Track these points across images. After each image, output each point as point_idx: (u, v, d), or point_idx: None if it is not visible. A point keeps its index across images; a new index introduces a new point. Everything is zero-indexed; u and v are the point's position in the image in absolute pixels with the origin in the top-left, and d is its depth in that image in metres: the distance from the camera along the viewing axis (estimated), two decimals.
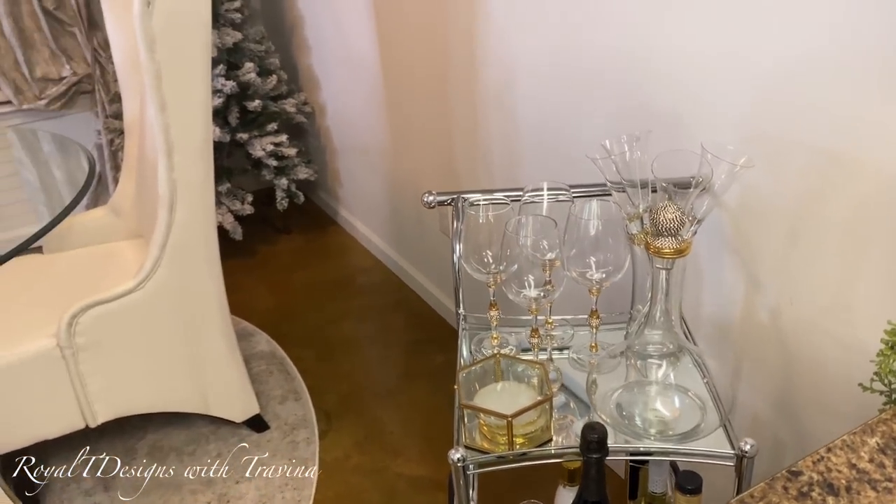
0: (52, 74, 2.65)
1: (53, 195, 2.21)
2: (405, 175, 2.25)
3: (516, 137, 1.62)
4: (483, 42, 1.61)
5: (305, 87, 2.83)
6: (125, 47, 1.74)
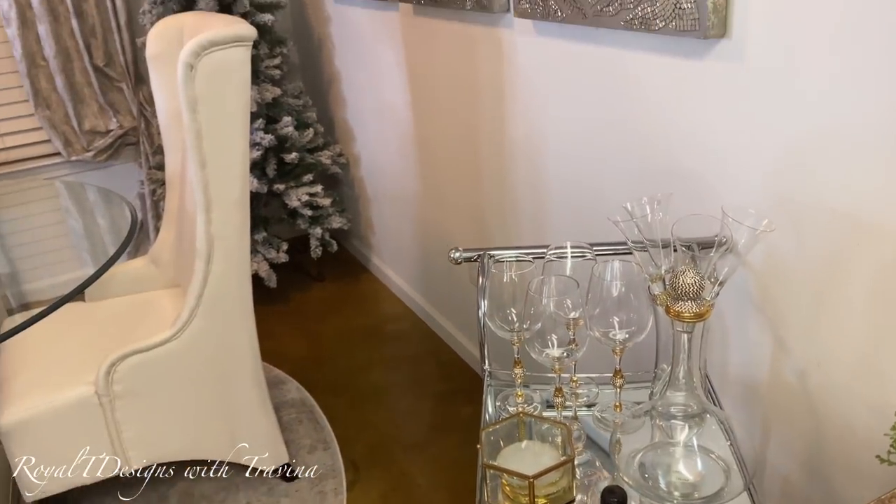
0: (99, 127, 2.77)
1: (97, 243, 2.30)
2: (435, 225, 2.29)
3: (544, 193, 1.65)
4: (512, 100, 1.65)
5: (341, 138, 2.91)
6: (168, 106, 1.83)
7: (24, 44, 2.55)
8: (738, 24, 1.05)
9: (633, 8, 1.17)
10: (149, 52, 1.80)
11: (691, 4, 1.06)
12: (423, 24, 1.96)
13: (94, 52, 2.67)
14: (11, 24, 2.53)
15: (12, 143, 2.72)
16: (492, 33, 1.65)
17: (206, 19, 1.64)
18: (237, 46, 1.44)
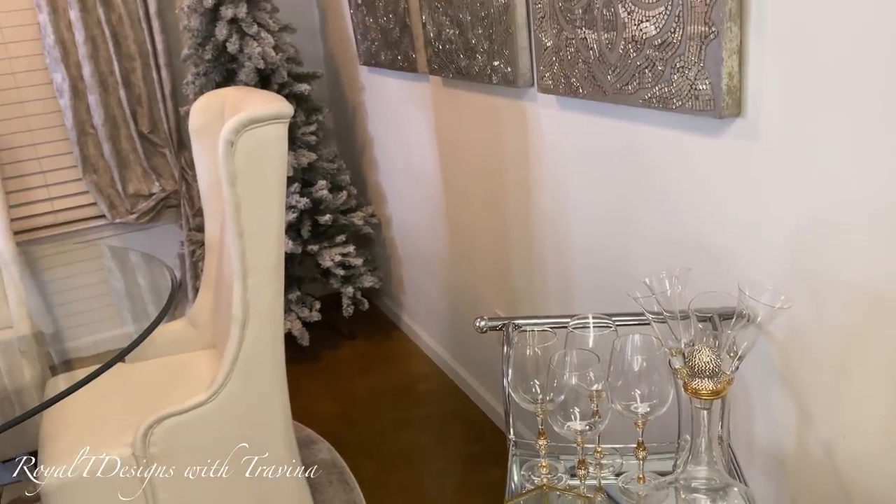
0: (143, 191, 2.89)
1: (137, 302, 2.38)
2: (464, 286, 2.33)
3: (569, 259, 1.68)
4: (537, 169, 1.71)
5: (373, 199, 2.99)
6: (209, 176, 1.91)
7: (75, 113, 2.70)
8: (753, 104, 1.09)
9: (650, 87, 1.22)
10: (192, 126, 1.90)
11: (706, 85, 1.11)
12: (452, 94, 2.04)
13: (139, 119, 2.81)
14: (64, 95, 2.68)
15: (61, 206, 2.86)
16: (517, 105, 1.71)
17: (247, 95, 1.73)
18: (275, 123, 1.52)
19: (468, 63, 1.80)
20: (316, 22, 3.08)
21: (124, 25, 2.67)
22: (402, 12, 2.14)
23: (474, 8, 1.71)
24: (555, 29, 1.43)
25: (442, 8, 1.86)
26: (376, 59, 2.44)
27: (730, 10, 1.05)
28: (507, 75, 1.64)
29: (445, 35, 1.88)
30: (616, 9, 1.26)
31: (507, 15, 1.58)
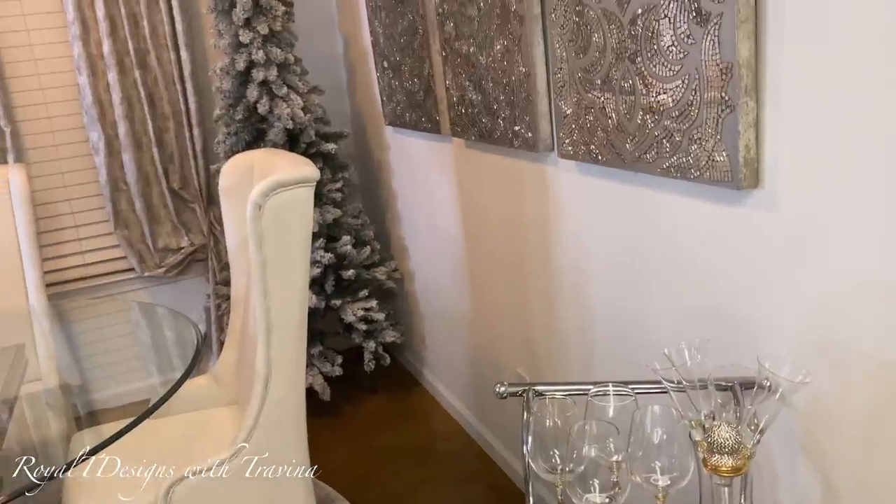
0: (172, 245, 2.95)
1: (162, 355, 2.41)
2: (485, 345, 2.33)
3: (590, 321, 1.68)
4: (557, 230, 1.73)
5: (396, 254, 3.03)
6: (237, 234, 1.96)
7: (109, 170, 2.79)
8: (770, 176, 1.10)
9: (669, 157, 1.24)
10: (221, 186, 1.95)
11: (723, 157, 1.13)
12: (474, 156, 2.08)
13: (171, 176, 2.89)
14: (100, 153, 2.77)
15: (92, 259, 2.93)
16: (538, 169, 1.75)
17: (275, 158, 1.79)
18: (302, 187, 1.56)
19: (490, 126, 1.85)
20: (343, 83, 3.18)
21: (159, 87, 2.78)
22: (426, 76, 2.21)
23: (496, 75, 1.75)
24: (574, 97, 1.47)
25: (465, 74, 1.91)
26: (401, 119, 2.50)
27: (745, 85, 1.08)
28: (528, 140, 1.68)
29: (468, 99, 1.93)
30: (634, 80, 1.29)
31: (528, 83, 1.62)
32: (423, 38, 2.17)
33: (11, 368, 1.75)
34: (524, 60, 1.62)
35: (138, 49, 2.72)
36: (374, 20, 2.53)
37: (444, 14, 1.96)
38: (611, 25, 1.32)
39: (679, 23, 1.16)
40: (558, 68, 1.50)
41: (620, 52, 1.31)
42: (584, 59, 1.41)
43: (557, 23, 1.47)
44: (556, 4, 1.46)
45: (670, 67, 1.20)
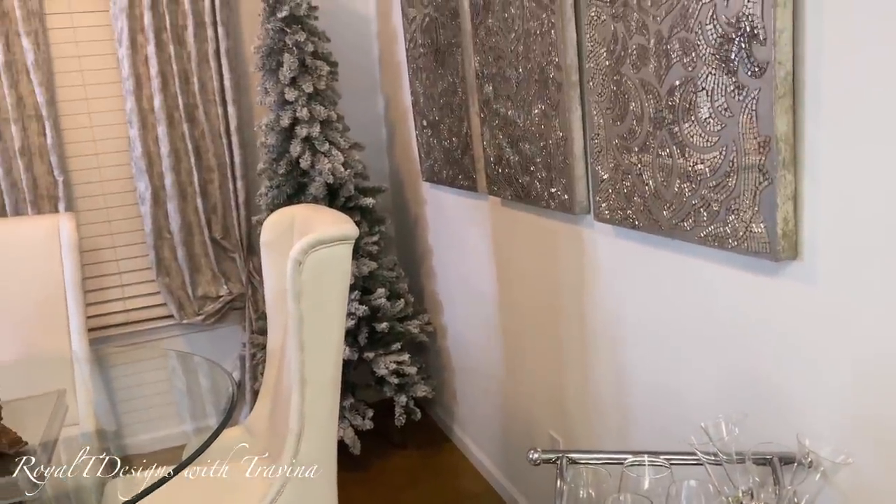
0: (211, 293, 3.01)
1: (196, 402, 2.43)
2: (518, 404, 2.31)
3: (625, 385, 1.67)
4: (591, 292, 1.73)
5: (429, 308, 3.04)
6: (276, 287, 2.00)
7: (154, 219, 2.87)
8: (809, 248, 1.10)
9: (706, 226, 1.25)
10: (263, 239, 2.00)
11: (761, 228, 1.13)
12: (510, 214, 2.11)
13: (213, 226, 2.96)
14: (146, 202, 2.86)
15: (133, 305, 2.99)
16: (574, 230, 1.76)
17: (315, 214, 1.83)
18: (341, 244, 1.60)
19: (527, 186, 1.87)
20: (383, 139, 3.25)
21: (206, 140, 2.87)
22: (464, 135, 2.25)
23: (534, 137, 1.79)
24: (611, 163, 1.49)
25: (503, 134, 1.95)
26: (438, 176, 2.54)
27: (783, 158, 1.08)
28: (565, 202, 1.70)
29: (505, 159, 1.96)
30: (671, 149, 1.31)
31: (566, 146, 1.65)
32: (462, 99, 2.22)
33: (53, 414, 1.79)
34: (562, 125, 1.65)
35: (187, 104, 2.82)
36: (415, 81, 2.60)
37: (484, 77, 2.01)
38: (648, 95, 1.34)
39: (717, 96, 1.18)
40: (595, 134, 1.53)
41: (658, 121, 1.33)
42: (622, 126, 1.44)
43: (595, 90, 1.50)
44: (594, 73, 1.49)
45: (708, 138, 1.21)
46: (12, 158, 2.68)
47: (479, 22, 1.98)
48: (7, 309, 2.41)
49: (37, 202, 2.72)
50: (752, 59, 1.09)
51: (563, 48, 1.59)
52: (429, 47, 2.42)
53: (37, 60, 2.64)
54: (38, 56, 2.65)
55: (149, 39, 2.72)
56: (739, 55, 1.12)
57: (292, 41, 2.56)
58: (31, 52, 2.63)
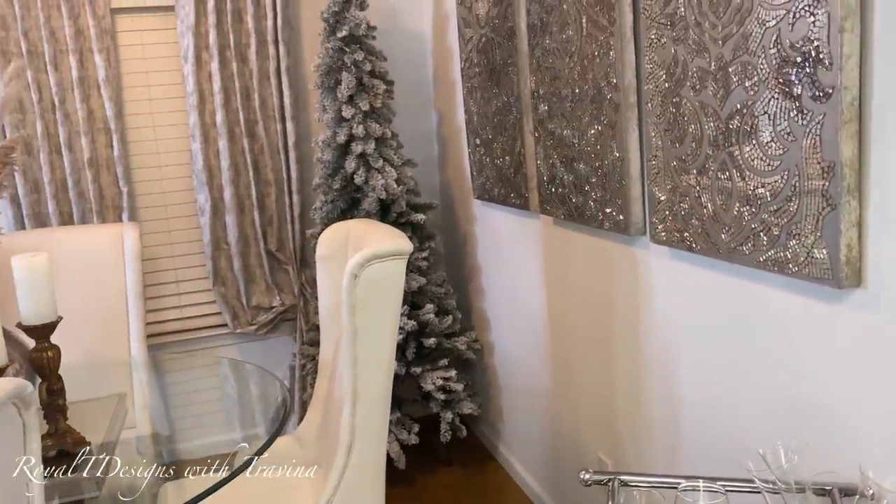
0: (264, 304, 3.08)
1: (246, 409, 2.48)
2: (565, 425, 2.30)
3: (678, 410, 1.65)
4: (645, 315, 1.71)
5: (477, 326, 3.05)
6: (329, 301, 2.04)
7: (213, 231, 2.96)
8: (873, 276, 1.08)
9: (766, 250, 1.23)
10: (318, 253, 2.04)
11: (823, 254, 1.12)
12: (562, 234, 2.11)
13: (268, 238, 3.03)
14: (205, 214, 2.95)
15: (189, 314, 3.08)
16: (628, 252, 1.75)
17: (370, 229, 1.86)
18: (396, 259, 1.63)
19: (580, 206, 1.87)
20: (435, 156, 3.29)
21: (265, 155, 2.95)
22: (517, 154, 2.27)
23: (589, 157, 1.79)
24: (669, 185, 1.48)
25: (557, 154, 1.96)
26: (490, 194, 2.56)
27: (848, 184, 1.07)
28: (619, 223, 1.69)
29: (559, 178, 1.97)
30: (731, 172, 1.30)
31: (622, 167, 1.65)
32: (516, 118, 2.24)
33: (114, 416, 1.85)
34: (618, 146, 1.65)
35: (248, 119, 2.91)
36: (469, 99, 2.63)
37: (539, 97, 2.03)
38: (708, 118, 1.34)
39: (779, 120, 1.17)
40: (653, 155, 1.53)
41: (717, 143, 1.32)
42: (680, 148, 1.43)
43: (654, 112, 1.50)
44: (653, 95, 1.50)
45: (769, 162, 1.20)
46: (81, 169, 2.79)
47: (536, 43, 2.00)
48: (72, 313, 2.51)
49: (102, 211, 2.83)
50: (816, 84, 1.09)
51: (622, 69, 1.60)
52: (484, 66, 2.45)
53: (107, 76, 2.76)
54: (109, 72, 2.76)
55: (213, 56, 2.82)
56: (803, 79, 1.11)
57: (350, 60, 2.62)
58: (103, 69, 2.75)
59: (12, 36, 2.66)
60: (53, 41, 2.70)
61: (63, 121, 2.74)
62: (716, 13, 1.28)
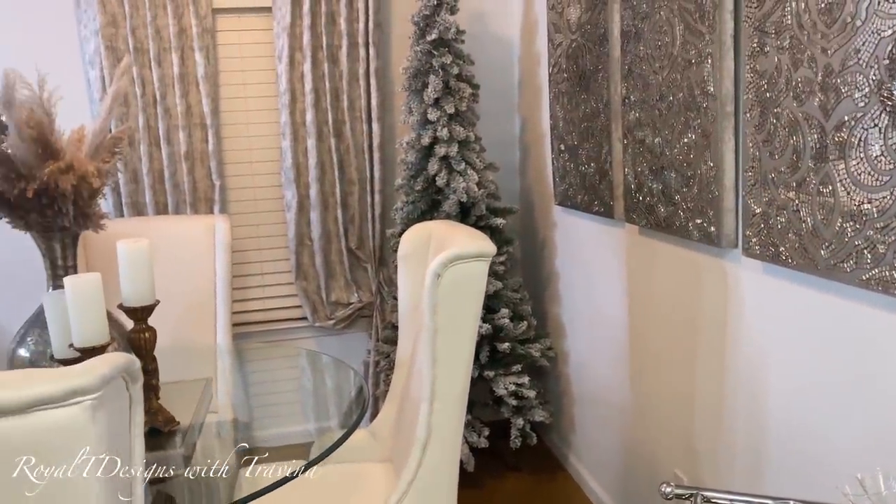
0: (342, 300, 3.14)
1: (321, 402, 2.54)
2: (640, 438, 2.25)
3: (764, 431, 1.59)
4: (734, 332, 1.67)
5: (552, 333, 3.03)
6: (409, 300, 2.06)
7: (297, 227, 3.04)
8: None
9: (869, 269, 1.18)
10: (400, 252, 2.07)
11: None
12: (647, 244, 2.07)
13: (349, 236, 3.10)
14: (291, 210, 3.03)
15: (271, 306, 3.17)
16: (717, 265, 1.71)
17: (453, 230, 1.88)
18: (479, 261, 1.63)
19: (668, 216, 1.84)
20: (516, 160, 3.29)
21: (350, 155, 3.02)
22: (603, 161, 2.24)
23: (680, 167, 1.76)
24: (766, 197, 1.44)
25: (646, 162, 1.93)
26: (572, 200, 2.54)
27: None
28: (710, 235, 1.65)
29: (647, 187, 1.94)
30: (835, 186, 1.25)
31: (715, 177, 1.61)
32: (604, 125, 2.22)
33: (201, 399, 1.92)
34: (713, 156, 1.61)
35: (336, 120, 2.98)
36: (555, 105, 2.62)
37: (629, 104, 2.00)
38: (811, 130, 1.29)
39: (890, 133, 1.12)
40: (749, 166, 1.48)
41: (820, 156, 1.28)
42: (780, 160, 1.39)
43: (752, 122, 1.46)
44: (752, 104, 1.46)
45: (877, 177, 1.15)
46: (177, 162, 2.92)
47: (629, 49, 1.97)
48: (163, 298, 2.62)
49: (195, 203, 2.95)
50: None
51: (720, 78, 1.56)
52: (573, 72, 2.43)
53: (206, 73, 2.88)
54: (208, 69, 2.88)
55: (305, 57, 2.90)
56: None
57: (438, 63, 2.65)
58: (202, 66, 2.87)
59: (121, 33, 2.81)
60: (158, 39, 2.83)
61: (163, 115, 2.87)
62: (825, 21, 1.24)
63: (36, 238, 1.68)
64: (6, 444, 0.84)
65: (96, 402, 0.85)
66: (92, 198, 1.64)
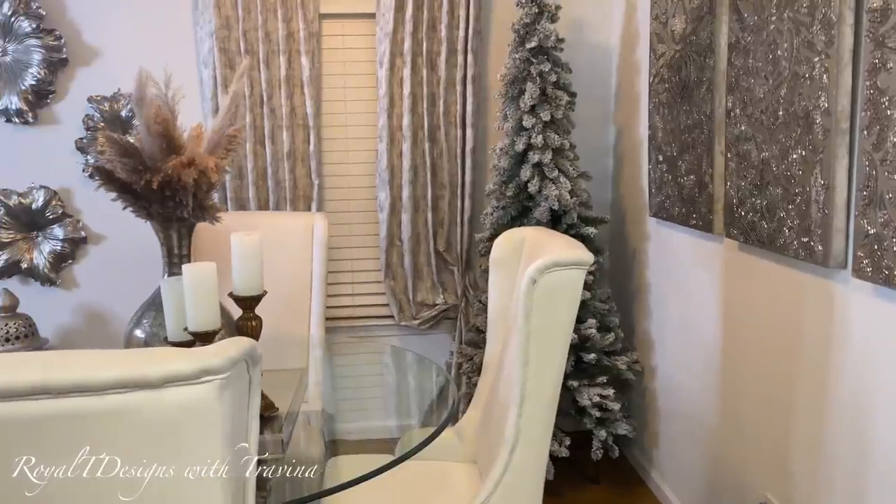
0: (428, 301, 3.19)
1: (403, 399, 2.60)
2: (729, 458, 2.20)
3: (868, 460, 1.53)
4: (838, 356, 1.61)
5: (639, 347, 2.98)
6: (499, 303, 2.08)
7: (389, 227, 3.11)
8: None
9: None
10: (493, 257, 2.10)
11: None
12: (747, 260, 2.02)
13: (438, 239, 3.15)
14: (384, 211, 3.11)
15: (360, 302, 3.26)
16: (823, 285, 1.65)
17: (547, 237, 1.89)
18: (575, 269, 1.64)
19: (772, 233, 1.79)
20: (609, 170, 3.26)
21: (443, 159, 3.07)
22: (703, 174, 2.20)
23: (788, 183, 1.71)
24: (882, 218, 1.39)
25: (749, 177, 1.89)
26: (668, 212, 2.50)
27: None
28: (817, 254, 1.60)
29: (749, 203, 1.89)
30: None
31: (826, 195, 1.57)
32: (707, 137, 2.18)
33: (297, 388, 2.00)
34: (823, 172, 1.57)
35: (431, 125, 3.04)
36: (654, 115, 2.59)
37: (735, 117, 1.96)
38: None
39: None
40: (864, 185, 1.44)
41: None
42: None
43: (870, 140, 1.41)
44: (871, 122, 1.41)
45: None
46: (280, 161, 3.04)
47: (736, 61, 1.94)
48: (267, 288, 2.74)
49: (294, 201, 3.06)
50: None
51: (835, 94, 1.51)
52: (674, 83, 2.40)
53: (310, 76, 2.99)
54: (312, 72, 2.99)
55: (406, 63, 2.97)
56: None
57: (536, 71, 2.67)
58: (307, 69, 2.98)
59: (233, 35, 2.95)
60: (267, 42, 2.96)
61: (269, 115, 3.00)
62: None
63: (156, 227, 1.79)
64: (138, 414, 0.91)
65: (224, 382, 0.91)
66: (209, 191, 1.74)
